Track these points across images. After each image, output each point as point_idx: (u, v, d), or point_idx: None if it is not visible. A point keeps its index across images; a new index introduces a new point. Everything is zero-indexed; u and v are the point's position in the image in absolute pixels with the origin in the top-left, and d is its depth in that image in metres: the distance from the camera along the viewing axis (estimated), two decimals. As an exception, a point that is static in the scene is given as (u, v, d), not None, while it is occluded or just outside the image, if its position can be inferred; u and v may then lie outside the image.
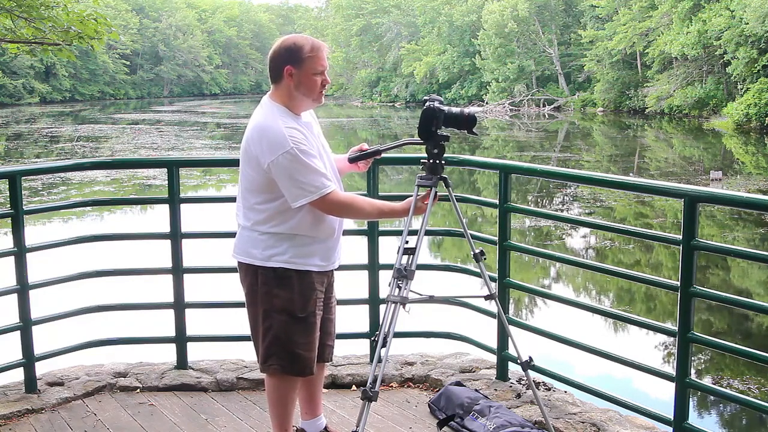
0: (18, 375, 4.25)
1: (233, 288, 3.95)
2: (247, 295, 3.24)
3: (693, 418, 3.57)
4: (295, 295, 3.16)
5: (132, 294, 5.19)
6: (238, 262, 3.25)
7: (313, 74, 3.11)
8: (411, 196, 3.33)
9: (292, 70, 3.10)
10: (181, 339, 4.51)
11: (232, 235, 3.30)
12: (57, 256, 4.84)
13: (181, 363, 4.55)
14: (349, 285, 4.24)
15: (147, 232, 6.98)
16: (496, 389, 4.18)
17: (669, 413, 3.49)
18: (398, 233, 3.59)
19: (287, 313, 3.17)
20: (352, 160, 3.43)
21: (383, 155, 3.49)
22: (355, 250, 4.54)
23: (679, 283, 3.37)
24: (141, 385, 4.39)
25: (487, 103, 53.40)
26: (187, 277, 4.42)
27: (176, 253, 4.38)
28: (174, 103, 71.19)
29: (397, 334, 3.25)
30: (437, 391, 4.12)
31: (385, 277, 4.20)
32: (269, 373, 3.27)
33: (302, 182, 3.02)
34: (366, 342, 4.44)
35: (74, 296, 4.99)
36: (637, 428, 3.71)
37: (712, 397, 7.03)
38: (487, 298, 3.53)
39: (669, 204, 16.29)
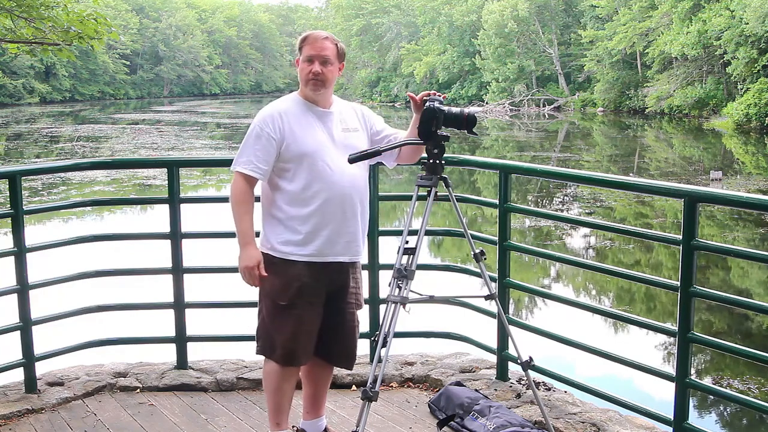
0: (18, 375, 4.25)
1: (233, 288, 3.95)
2: None
3: (693, 418, 3.57)
4: (275, 281, 3.25)
5: (132, 294, 5.18)
6: None
7: (303, 62, 3.27)
8: (410, 197, 3.39)
9: (296, 62, 3.32)
10: (181, 339, 4.51)
11: (232, 235, 3.31)
12: (57, 256, 4.85)
13: (181, 363, 4.56)
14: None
15: (147, 232, 6.99)
16: (496, 389, 4.18)
17: (669, 413, 3.49)
18: (398, 233, 3.58)
19: (269, 299, 3.30)
20: (352, 161, 3.43)
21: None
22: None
23: (679, 283, 3.38)
24: (141, 385, 4.39)
25: (487, 103, 53.37)
26: (187, 277, 4.42)
27: (176, 253, 4.39)
28: (174, 103, 71.16)
29: (397, 334, 3.26)
30: (437, 391, 4.12)
31: (385, 277, 4.20)
32: (258, 353, 3.40)
33: (239, 151, 3.25)
34: (366, 342, 4.43)
35: (74, 296, 4.99)
36: (637, 428, 3.71)
37: (712, 397, 7.03)
38: (487, 298, 3.53)
39: (669, 204, 16.28)
